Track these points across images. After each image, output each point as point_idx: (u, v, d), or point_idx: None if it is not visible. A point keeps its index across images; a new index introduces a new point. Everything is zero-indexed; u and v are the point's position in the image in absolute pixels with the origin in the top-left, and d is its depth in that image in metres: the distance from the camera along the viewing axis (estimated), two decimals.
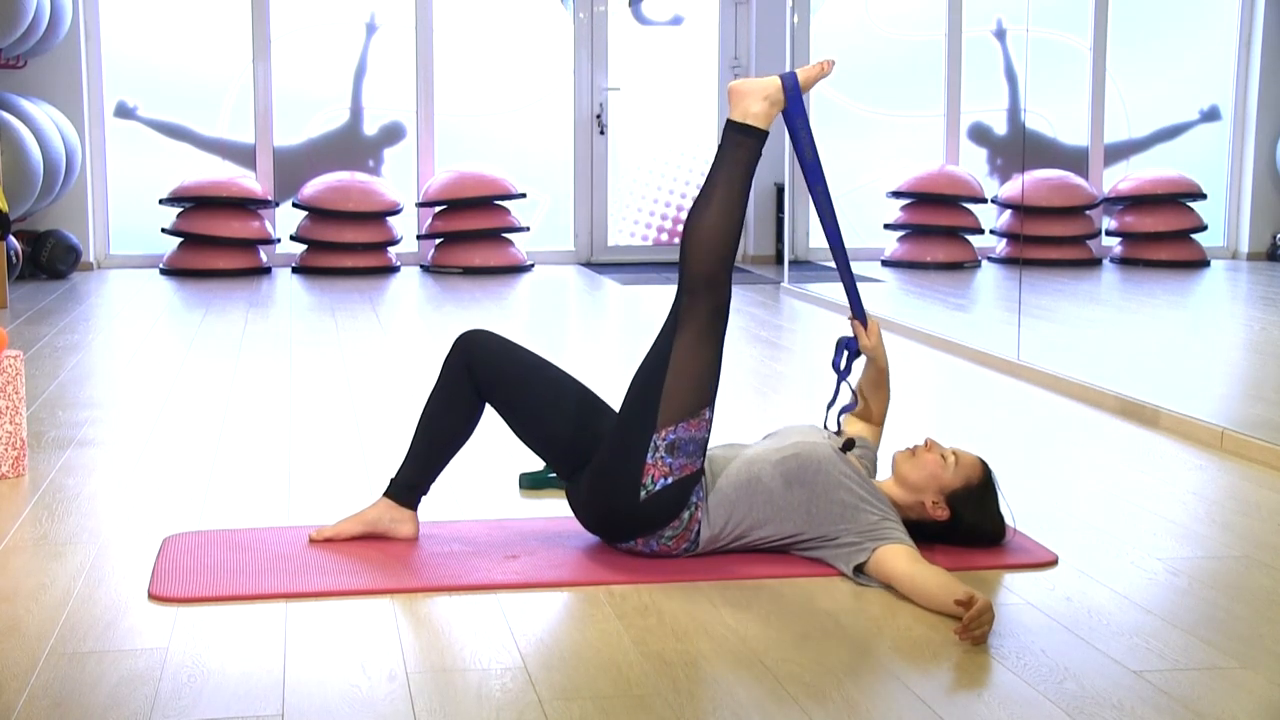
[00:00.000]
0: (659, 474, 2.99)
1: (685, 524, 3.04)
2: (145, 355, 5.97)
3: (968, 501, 3.15)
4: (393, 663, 2.55)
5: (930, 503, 3.13)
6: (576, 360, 5.79)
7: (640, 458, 2.99)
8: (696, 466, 3.01)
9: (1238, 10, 9.52)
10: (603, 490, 3.06)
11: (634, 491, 3.00)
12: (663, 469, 2.99)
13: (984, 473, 3.18)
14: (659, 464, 2.99)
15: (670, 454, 2.98)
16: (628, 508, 3.02)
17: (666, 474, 2.99)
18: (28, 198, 7.54)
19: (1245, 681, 2.50)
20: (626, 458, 3.01)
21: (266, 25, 9.36)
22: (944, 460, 3.14)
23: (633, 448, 3.00)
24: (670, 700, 2.40)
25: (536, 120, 9.89)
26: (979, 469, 3.17)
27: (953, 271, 9.51)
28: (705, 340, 3.02)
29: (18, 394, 3.80)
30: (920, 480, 3.14)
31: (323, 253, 9.09)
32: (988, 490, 3.17)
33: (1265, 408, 5.15)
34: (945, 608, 2.74)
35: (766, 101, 3.11)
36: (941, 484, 3.13)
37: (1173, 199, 9.63)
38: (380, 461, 3.95)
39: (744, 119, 3.10)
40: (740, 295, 8.06)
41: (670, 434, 2.98)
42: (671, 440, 2.98)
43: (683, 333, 3.02)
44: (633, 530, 3.05)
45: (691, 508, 3.03)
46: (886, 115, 10.14)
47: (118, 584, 2.97)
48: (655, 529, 3.04)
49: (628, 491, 3.01)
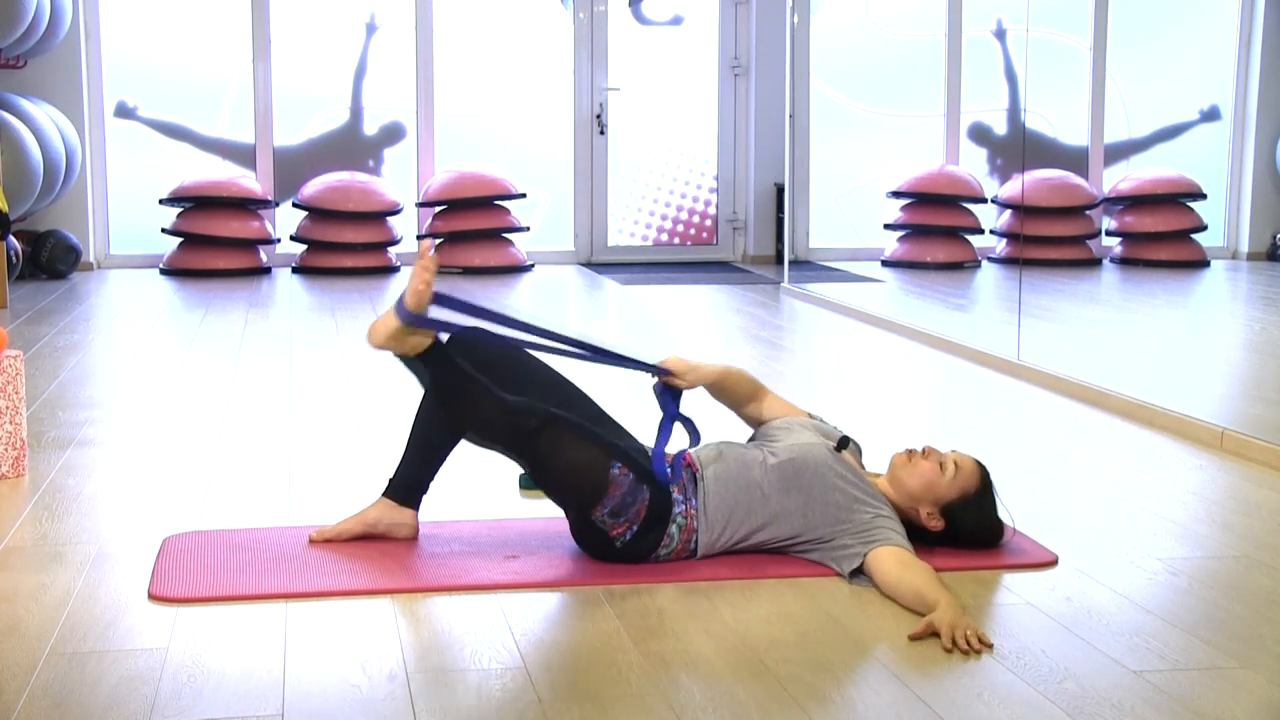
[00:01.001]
0: (621, 529, 3.04)
1: (678, 539, 3.06)
2: (145, 355, 5.97)
3: (964, 510, 3.14)
4: (393, 663, 2.55)
5: (925, 514, 3.13)
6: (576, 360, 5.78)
7: (600, 530, 3.05)
8: (647, 499, 3.03)
9: (1238, 10, 9.53)
10: (585, 542, 3.11)
11: (611, 546, 3.06)
12: (621, 526, 3.04)
13: (981, 481, 3.16)
14: (615, 526, 3.04)
15: (616, 516, 3.03)
16: (614, 556, 3.07)
17: (628, 526, 3.04)
18: (28, 198, 7.54)
19: (1245, 681, 2.50)
20: (588, 531, 3.07)
21: (266, 25, 9.36)
22: (941, 469, 3.13)
23: (587, 526, 3.06)
24: (670, 700, 2.40)
25: (536, 120, 9.89)
26: (976, 477, 3.16)
27: (953, 271, 9.51)
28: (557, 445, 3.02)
29: (18, 394, 3.80)
30: (917, 489, 3.13)
31: (323, 253, 9.09)
32: (984, 497, 3.17)
33: (1265, 408, 5.15)
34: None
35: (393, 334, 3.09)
36: (936, 495, 3.13)
37: (1173, 199, 9.63)
38: (380, 461, 3.95)
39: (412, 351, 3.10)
40: (740, 295, 8.06)
41: (603, 508, 3.03)
42: (610, 508, 3.03)
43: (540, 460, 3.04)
44: (630, 561, 3.08)
45: (680, 523, 3.05)
46: (886, 115, 10.14)
47: (118, 584, 2.97)
48: (649, 555, 3.07)
49: (607, 548, 3.07)
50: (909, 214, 9.74)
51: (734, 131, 10.04)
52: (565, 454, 3.01)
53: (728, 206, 10.09)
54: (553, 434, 3.01)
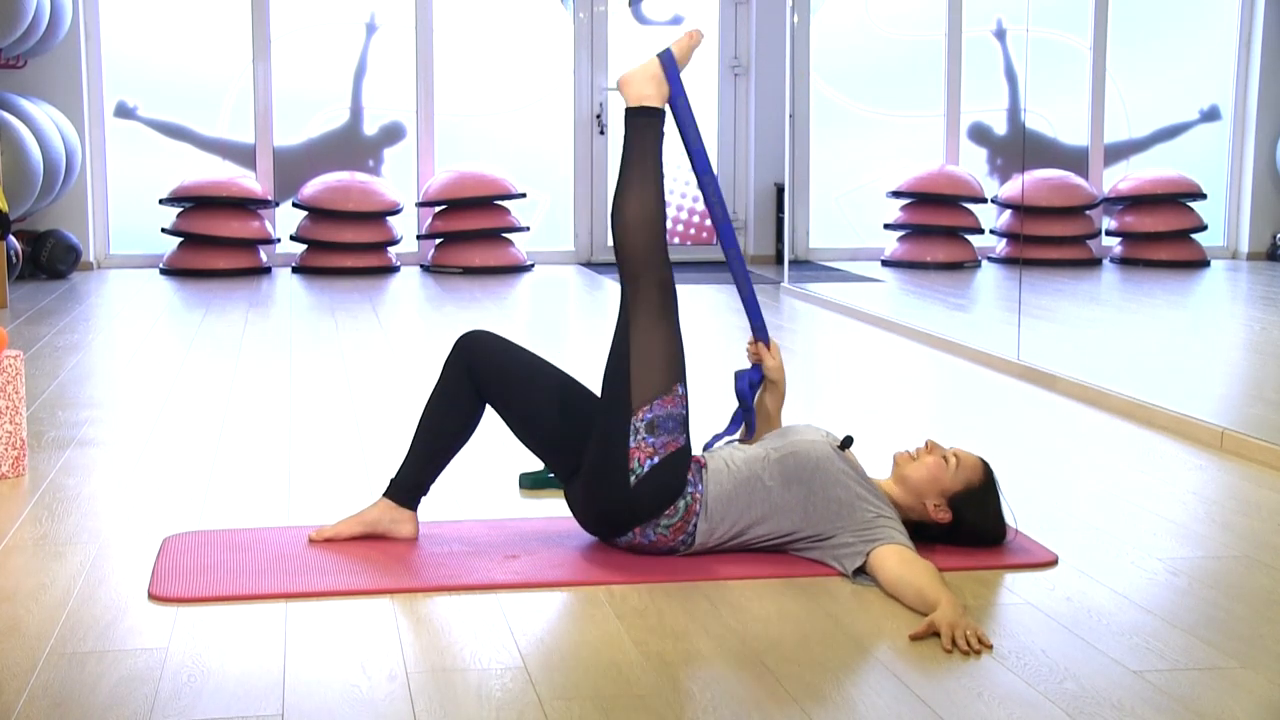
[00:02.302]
0: (644, 455, 3.01)
1: (682, 513, 3.05)
2: (145, 355, 5.97)
3: (969, 503, 3.15)
4: (393, 663, 2.55)
5: (932, 505, 3.14)
6: (576, 360, 5.79)
7: (623, 444, 3.02)
8: (680, 443, 3.03)
9: (1238, 10, 9.52)
10: (595, 486, 3.08)
11: (624, 479, 3.02)
12: (646, 450, 3.01)
13: (985, 474, 3.18)
14: (642, 445, 3.01)
15: (651, 433, 3.01)
16: (621, 497, 3.04)
17: (651, 454, 3.01)
18: (28, 198, 7.54)
19: (1245, 681, 2.50)
20: (610, 447, 3.04)
21: (266, 25, 9.37)
22: (945, 462, 3.15)
23: (614, 436, 3.03)
24: (670, 700, 2.40)
25: (536, 120, 9.89)
26: (980, 470, 3.18)
27: (953, 271, 9.51)
28: (660, 320, 3.08)
29: (18, 394, 3.80)
30: (921, 482, 3.14)
31: (323, 253, 9.09)
32: (989, 491, 3.18)
33: (1265, 408, 5.15)
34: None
35: (654, 81, 3.19)
36: (942, 486, 3.14)
37: (1173, 199, 9.63)
38: (380, 461, 3.95)
39: (640, 103, 3.18)
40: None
41: (647, 413, 3.01)
42: (649, 419, 3.01)
43: (636, 318, 3.08)
44: (630, 520, 3.05)
45: (688, 497, 3.04)
46: (886, 115, 10.14)
47: (118, 584, 2.97)
48: (651, 516, 3.04)
49: (618, 481, 3.03)
50: (909, 214, 9.74)
51: (734, 131, 10.04)
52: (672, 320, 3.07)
53: (728, 206, 10.07)
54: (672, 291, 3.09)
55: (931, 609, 2.73)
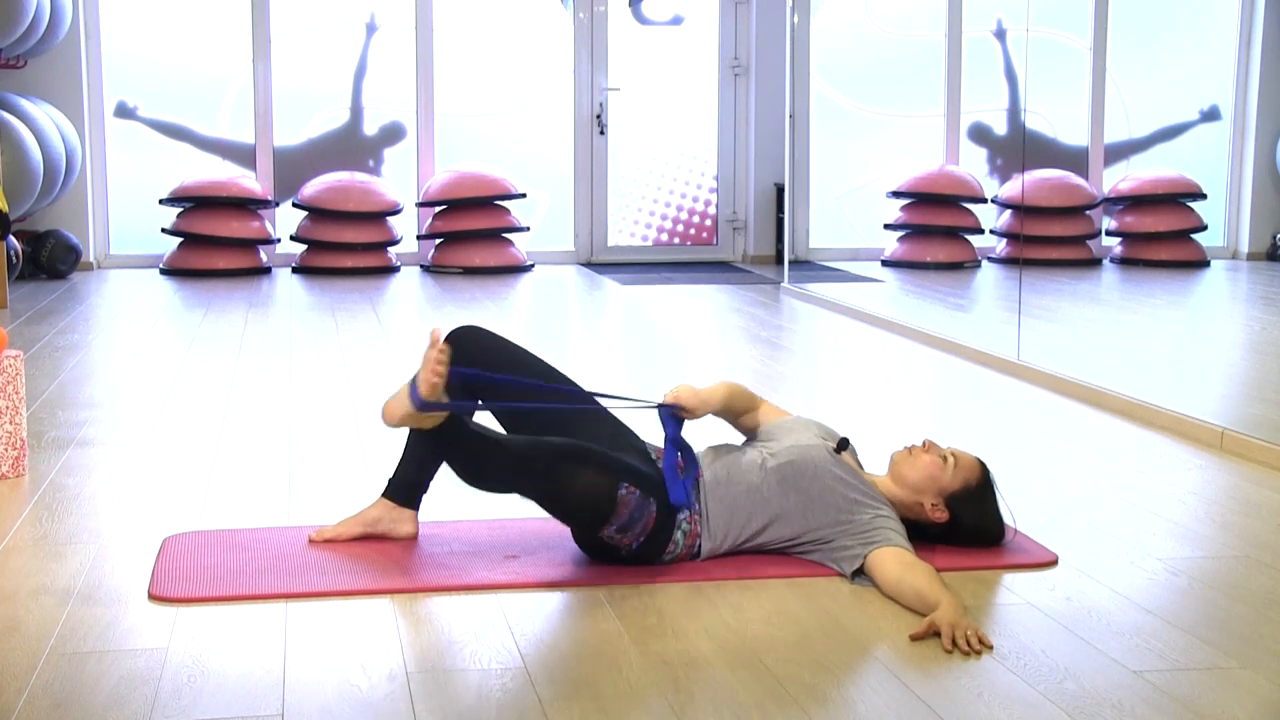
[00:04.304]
0: (628, 542, 3.02)
1: (682, 545, 3.06)
2: (145, 355, 5.97)
3: (967, 503, 3.15)
4: (393, 663, 2.55)
5: (929, 505, 3.14)
6: (576, 361, 5.79)
7: (609, 545, 3.03)
8: (654, 512, 3.00)
9: (1238, 10, 9.52)
10: (590, 550, 3.11)
11: (617, 555, 3.05)
12: (628, 539, 3.01)
13: (983, 474, 3.18)
14: (623, 539, 3.01)
15: (624, 531, 3.00)
16: (619, 560, 3.06)
17: (635, 539, 3.02)
18: (28, 198, 7.54)
19: (1245, 681, 2.50)
20: (595, 545, 3.06)
21: (266, 25, 9.36)
22: (943, 462, 3.14)
23: (594, 541, 3.05)
24: (670, 700, 2.40)
25: (536, 120, 9.89)
26: (978, 470, 3.18)
27: (953, 271, 9.51)
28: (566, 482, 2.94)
29: (18, 394, 3.80)
30: (919, 481, 3.14)
31: (323, 253, 9.09)
32: (987, 491, 3.18)
33: (1265, 408, 5.15)
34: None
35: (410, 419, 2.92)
36: (940, 486, 3.14)
37: (1173, 199, 9.63)
38: (380, 461, 3.95)
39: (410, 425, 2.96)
40: (740, 295, 8.06)
41: (611, 528, 3.00)
42: (617, 526, 2.99)
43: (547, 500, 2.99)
44: (632, 563, 3.07)
45: (684, 529, 3.05)
46: (886, 115, 10.14)
47: (118, 584, 2.97)
48: (654, 560, 3.06)
49: (612, 557, 3.06)
50: (909, 214, 9.74)
51: (734, 131, 10.04)
52: (574, 487, 2.95)
53: (728, 206, 10.09)
54: (561, 471, 2.94)
55: (931, 609, 2.73)
